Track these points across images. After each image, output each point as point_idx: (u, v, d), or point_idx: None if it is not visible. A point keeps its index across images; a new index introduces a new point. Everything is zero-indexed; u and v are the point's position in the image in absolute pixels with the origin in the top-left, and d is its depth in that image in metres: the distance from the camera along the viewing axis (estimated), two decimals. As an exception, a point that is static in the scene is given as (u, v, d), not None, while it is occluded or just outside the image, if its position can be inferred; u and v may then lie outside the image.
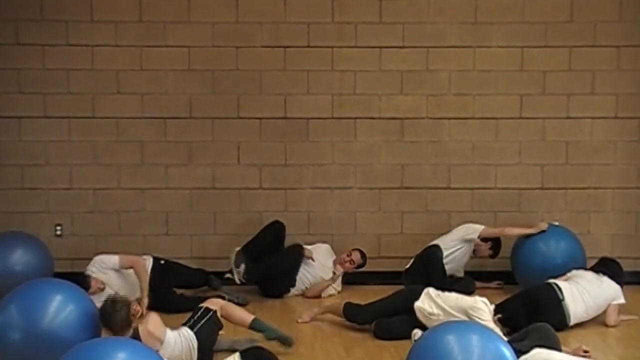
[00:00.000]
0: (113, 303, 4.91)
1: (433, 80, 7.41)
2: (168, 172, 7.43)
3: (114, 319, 4.84)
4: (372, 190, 7.55)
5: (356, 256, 7.13)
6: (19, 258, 6.59)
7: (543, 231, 6.77)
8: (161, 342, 4.91)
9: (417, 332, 5.35)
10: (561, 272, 6.34)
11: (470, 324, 4.82)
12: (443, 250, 6.91)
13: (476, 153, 7.51)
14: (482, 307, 5.54)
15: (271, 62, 7.36)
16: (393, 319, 5.80)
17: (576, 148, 7.50)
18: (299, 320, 6.29)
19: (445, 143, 7.50)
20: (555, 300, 6.00)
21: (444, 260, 6.89)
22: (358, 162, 7.50)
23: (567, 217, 7.41)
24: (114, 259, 6.45)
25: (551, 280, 6.19)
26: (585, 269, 6.41)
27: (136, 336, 4.79)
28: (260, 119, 7.44)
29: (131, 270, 6.45)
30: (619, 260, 6.53)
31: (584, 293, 6.11)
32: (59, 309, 4.74)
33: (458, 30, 7.39)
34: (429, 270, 6.79)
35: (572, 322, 6.04)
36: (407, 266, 7.03)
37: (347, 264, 7.12)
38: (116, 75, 7.34)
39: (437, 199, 7.56)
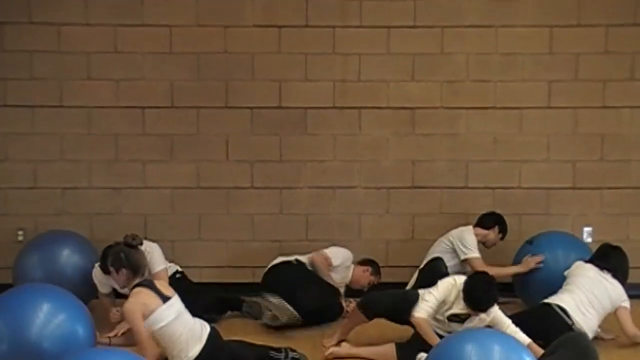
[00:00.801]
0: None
1: (449, 64, 7.16)
2: (146, 169, 7.16)
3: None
4: (379, 190, 7.27)
5: (375, 278, 6.85)
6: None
7: (532, 270, 6.46)
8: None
9: (422, 356, 5.14)
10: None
11: (491, 332, 4.82)
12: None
13: (498, 148, 7.25)
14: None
15: (264, 44, 7.10)
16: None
17: (613, 142, 7.23)
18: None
19: (463, 136, 7.25)
20: (565, 328, 5.54)
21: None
22: (363, 158, 7.24)
23: (602, 221, 7.22)
24: None
25: (553, 302, 5.80)
26: (587, 260, 6.09)
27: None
28: (251, 108, 7.17)
29: None
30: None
31: (593, 300, 5.77)
32: (47, 317, 4.67)
33: (478, 6, 7.13)
34: None
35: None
36: (412, 282, 6.72)
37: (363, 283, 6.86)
38: (86, 58, 7.06)
39: (453, 200, 7.28)
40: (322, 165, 7.24)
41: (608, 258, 6.00)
